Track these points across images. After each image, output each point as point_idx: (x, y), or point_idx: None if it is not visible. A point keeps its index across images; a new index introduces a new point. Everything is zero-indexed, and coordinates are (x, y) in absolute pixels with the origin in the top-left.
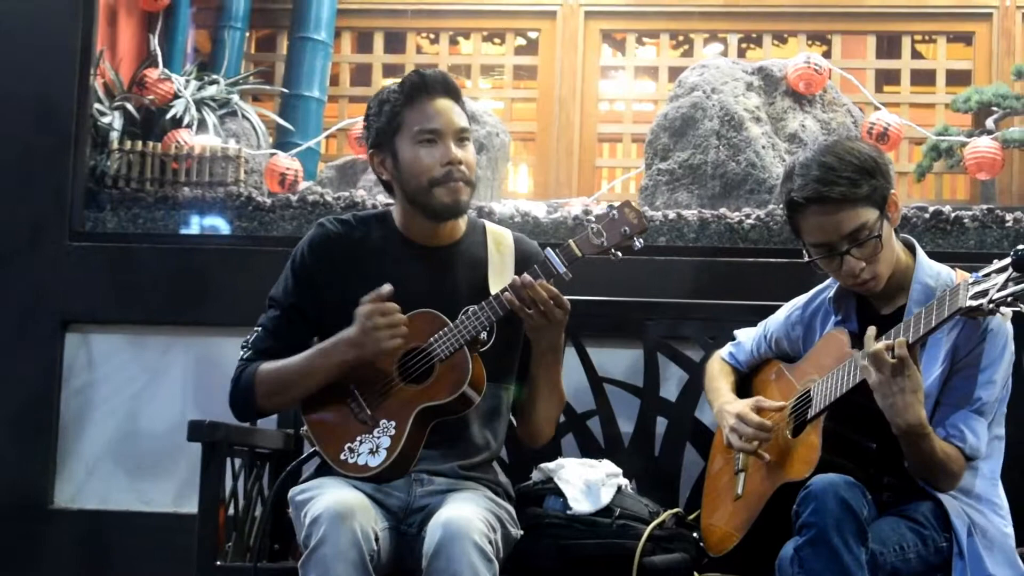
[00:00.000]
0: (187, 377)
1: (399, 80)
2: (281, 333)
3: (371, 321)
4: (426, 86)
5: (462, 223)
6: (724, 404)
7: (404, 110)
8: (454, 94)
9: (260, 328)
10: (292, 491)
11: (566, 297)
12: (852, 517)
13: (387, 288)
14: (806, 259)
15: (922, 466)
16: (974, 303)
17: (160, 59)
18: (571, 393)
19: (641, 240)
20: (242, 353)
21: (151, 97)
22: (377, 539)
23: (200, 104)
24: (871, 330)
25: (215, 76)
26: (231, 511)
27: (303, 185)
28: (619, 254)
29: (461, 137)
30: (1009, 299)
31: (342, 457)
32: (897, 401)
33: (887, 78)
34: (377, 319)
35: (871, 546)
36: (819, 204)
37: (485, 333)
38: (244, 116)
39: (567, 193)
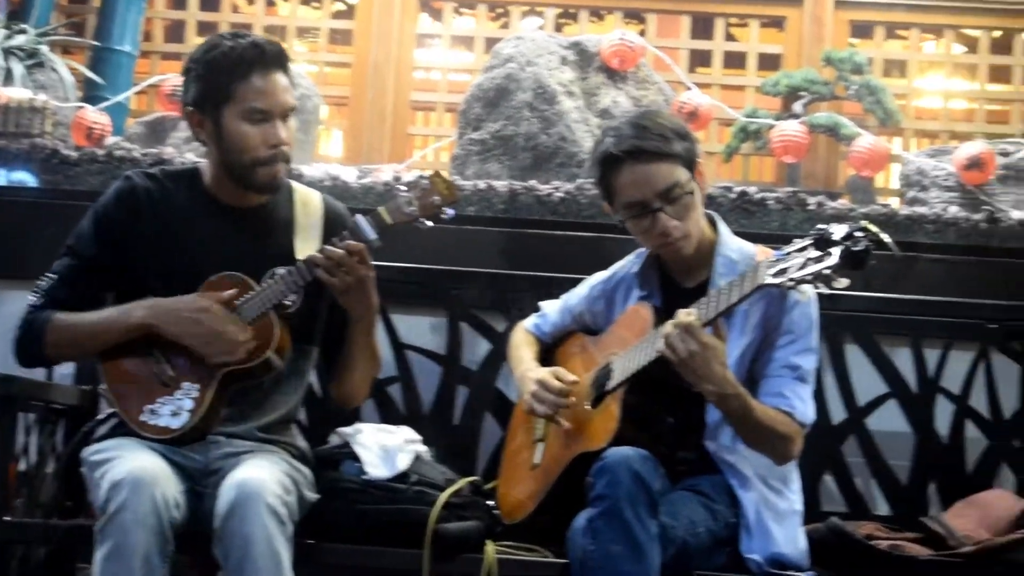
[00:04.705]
0: None
1: (231, 40)
2: (76, 283)
3: (206, 315)
4: (263, 59)
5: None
6: (526, 371)
7: (235, 82)
8: (287, 68)
9: (55, 275)
10: (86, 450)
11: (372, 262)
12: (644, 490)
13: (230, 293)
14: (617, 220)
15: (749, 433)
16: (775, 280)
17: None
18: None
19: (452, 211)
20: (32, 299)
21: None
22: (178, 506)
23: (7, 54)
24: (679, 312)
25: (24, 26)
26: (22, 467)
27: (111, 140)
28: (429, 223)
29: (288, 115)
30: (809, 277)
31: (142, 418)
32: (699, 370)
33: (700, 60)
34: (211, 320)
35: (662, 520)
36: (634, 158)
37: (291, 298)
38: (53, 68)
39: (379, 159)
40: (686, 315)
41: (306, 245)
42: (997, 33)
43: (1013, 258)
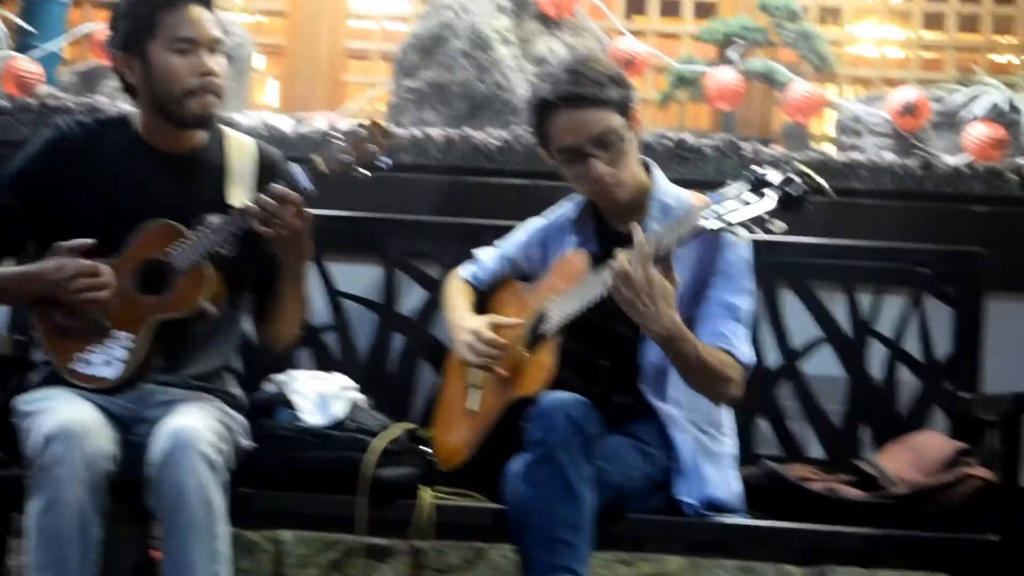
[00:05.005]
0: None
1: None
2: None
3: (71, 282)
4: None
5: (203, 131)
6: (461, 320)
7: (159, 14)
8: (209, 3)
9: None
10: (18, 399)
11: (308, 211)
12: (580, 435)
13: (90, 241)
14: (553, 166)
15: (693, 374)
16: (711, 224)
17: None
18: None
19: (388, 159)
20: None
21: None
22: (112, 458)
23: None
24: (620, 252)
25: None
26: None
27: (43, 89)
28: (365, 172)
29: (215, 47)
30: (746, 221)
31: (72, 366)
32: (647, 311)
33: (636, 8)
34: (78, 281)
35: (597, 463)
36: (569, 104)
37: (225, 247)
38: None
39: (314, 108)
40: (625, 256)
41: (238, 191)
42: None
43: (946, 203)
